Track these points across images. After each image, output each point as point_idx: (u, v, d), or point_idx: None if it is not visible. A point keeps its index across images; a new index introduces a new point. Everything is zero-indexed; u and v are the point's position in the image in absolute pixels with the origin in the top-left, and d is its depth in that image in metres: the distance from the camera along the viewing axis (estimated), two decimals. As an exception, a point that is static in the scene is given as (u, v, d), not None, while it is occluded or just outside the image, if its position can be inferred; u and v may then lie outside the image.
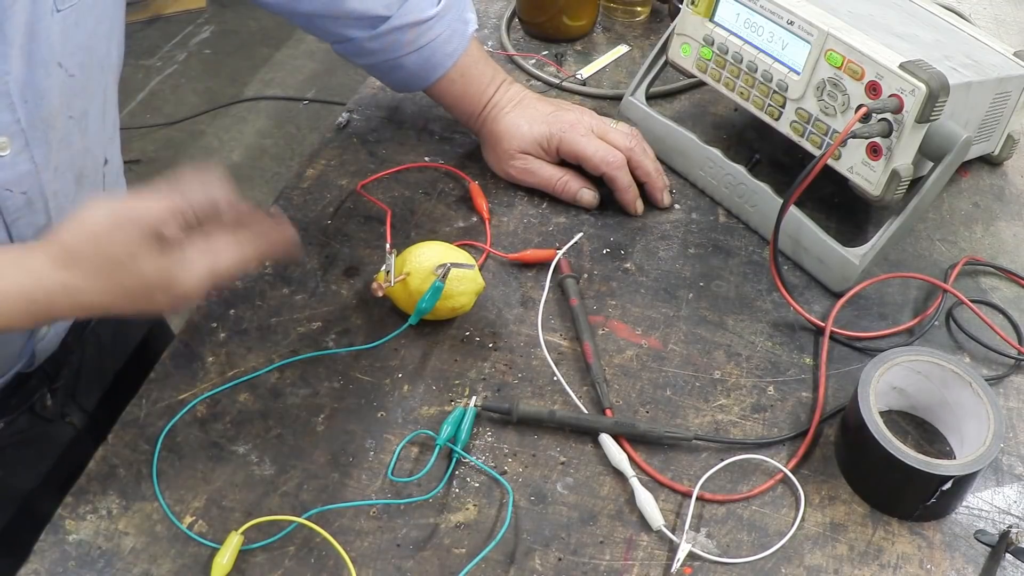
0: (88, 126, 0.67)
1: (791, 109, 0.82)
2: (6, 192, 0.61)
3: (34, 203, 0.63)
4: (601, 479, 0.68)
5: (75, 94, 0.64)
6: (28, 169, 0.61)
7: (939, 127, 0.75)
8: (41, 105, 0.61)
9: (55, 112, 0.62)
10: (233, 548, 0.61)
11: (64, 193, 0.66)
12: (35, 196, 0.63)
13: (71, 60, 0.62)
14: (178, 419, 0.70)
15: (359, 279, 0.81)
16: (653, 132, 0.93)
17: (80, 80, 0.64)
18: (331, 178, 0.91)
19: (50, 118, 0.62)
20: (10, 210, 0.62)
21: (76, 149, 0.66)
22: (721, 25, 0.86)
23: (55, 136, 0.63)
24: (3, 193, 0.61)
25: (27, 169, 0.61)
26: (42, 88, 0.60)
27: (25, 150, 0.60)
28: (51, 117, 0.62)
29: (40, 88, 0.60)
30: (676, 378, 0.75)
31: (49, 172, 0.63)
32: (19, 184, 0.61)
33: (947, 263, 0.86)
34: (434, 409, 0.72)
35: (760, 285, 0.83)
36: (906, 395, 0.72)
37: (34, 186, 0.62)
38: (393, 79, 0.90)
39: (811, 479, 0.69)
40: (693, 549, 0.63)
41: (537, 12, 1.09)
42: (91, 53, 0.65)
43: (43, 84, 0.60)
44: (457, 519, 0.65)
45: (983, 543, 0.65)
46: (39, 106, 0.60)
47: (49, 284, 0.54)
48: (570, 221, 0.88)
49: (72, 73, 0.63)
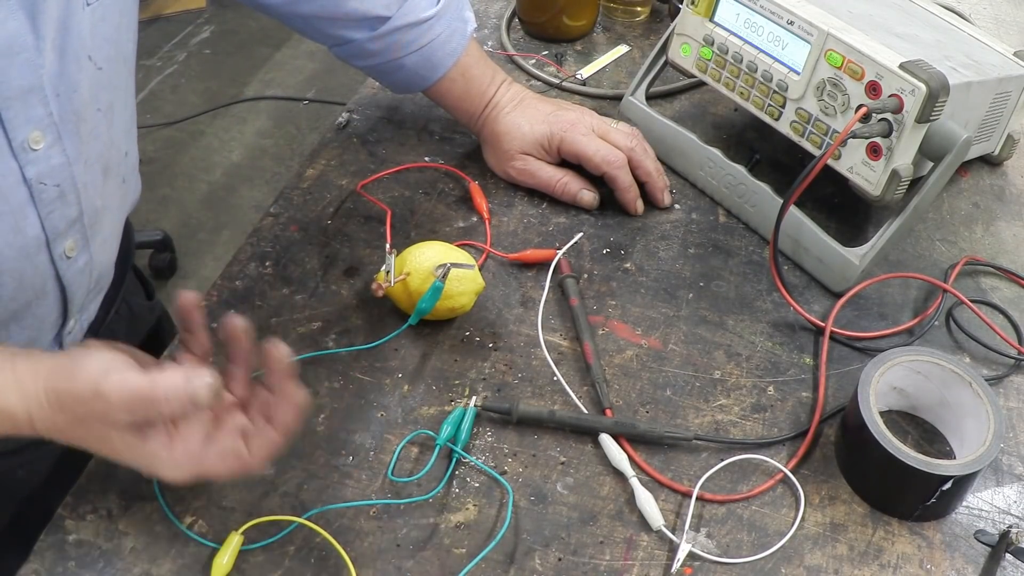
0: (114, 119, 0.68)
1: (791, 109, 0.82)
2: (40, 185, 0.61)
3: (67, 195, 0.64)
4: (601, 479, 0.68)
5: (102, 87, 0.65)
6: (61, 162, 0.62)
7: (939, 127, 0.75)
8: (73, 98, 0.61)
9: (85, 105, 0.63)
10: (233, 548, 0.61)
11: (93, 185, 0.67)
12: (68, 189, 0.64)
13: (99, 53, 0.63)
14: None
15: (359, 279, 0.81)
16: (653, 132, 0.93)
17: (107, 73, 0.65)
18: (331, 178, 0.91)
19: (81, 111, 0.62)
20: (44, 203, 0.62)
21: (103, 141, 0.67)
22: (721, 25, 0.86)
23: (85, 129, 0.64)
24: (37, 186, 0.61)
25: (60, 162, 0.62)
26: (73, 81, 0.61)
27: (58, 143, 0.61)
28: (82, 110, 0.63)
29: (72, 81, 0.61)
30: (676, 378, 0.75)
31: (80, 164, 0.64)
32: (52, 177, 0.62)
33: (947, 263, 0.86)
34: (434, 409, 0.72)
35: (760, 285, 0.83)
36: (906, 395, 0.72)
37: (67, 179, 0.63)
38: (394, 80, 0.90)
39: (811, 479, 0.69)
40: (693, 549, 0.63)
41: (537, 12, 1.09)
42: (117, 46, 0.66)
43: (75, 78, 0.61)
44: (457, 519, 0.65)
45: (983, 543, 0.65)
46: (71, 99, 0.61)
47: (38, 414, 0.55)
48: (570, 221, 0.88)
49: (100, 66, 0.63)
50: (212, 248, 2.34)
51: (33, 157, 0.60)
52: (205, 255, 2.32)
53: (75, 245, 0.67)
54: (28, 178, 0.60)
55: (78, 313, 0.73)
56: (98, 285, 0.75)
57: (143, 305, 0.95)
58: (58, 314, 0.70)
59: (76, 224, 0.66)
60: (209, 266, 2.29)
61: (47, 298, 0.68)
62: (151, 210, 2.39)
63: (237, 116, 2.74)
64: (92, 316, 0.78)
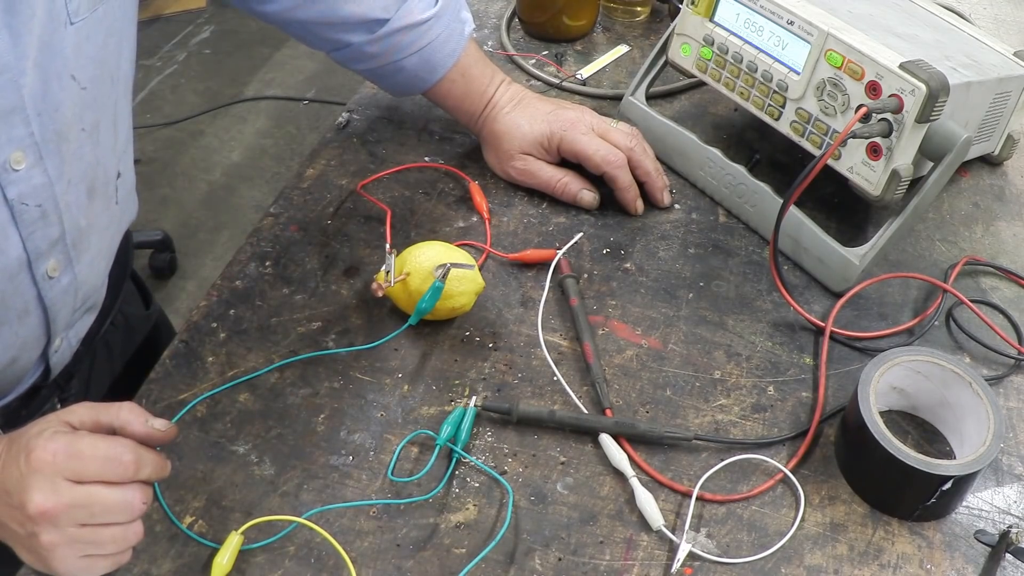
0: (100, 139, 0.67)
1: (791, 109, 0.82)
2: (22, 205, 0.61)
3: (48, 215, 0.63)
4: (601, 479, 0.68)
5: (87, 106, 0.64)
6: (42, 182, 0.61)
7: (939, 127, 0.75)
8: (55, 118, 0.61)
9: (68, 125, 0.62)
10: (233, 548, 0.61)
11: (77, 205, 0.66)
12: (50, 209, 0.63)
13: (83, 73, 0.62)
14: (178, 419, 0.70)
15: (359, 279, 0.81)
16: (653, 132, 0.93)
17: (92, 92, 0.64)
18: (331, 178, 0.91)
19: (63, 131, 0.62)
20: (26, 223, 0.62)
21: (88, 162, 0.66)
22: (721, 25, 0.86)
23: (68, 149, 0.63)
24: (19, 207, 0.61)
25: (41, 182, 0.61)
26: (56, 101, 0.60)
27: (39, 163, 0.61)
28: (64, 130, 0.62)
29: (54, 101, 0.60)
30: (676, 378, 0.75)
31: (63, 184, 0.63)
32: (34, 197, 0.61)
33: (947, 263, 0.86)
34: (434, 409, 0.72)
35: (760, 285, 0.83)
36: (906, 395, 0.72)
37: (49, 199, 0.63)
38: (393, 83, 0.90)
39: (811, 479, 0.69)
40: (693, 549, 0.63)
41: (537, 12, 1.09)
42: (102, 65, 0.65)
43: (57, 97, 0.60)
44: (457, 519, 0.65)
45: (983, 543, 0.65)
46: (53, 119, 0.60)
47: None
48: (570, 221, 0.88)
49: (84, 86, 0.63)
50: (212, 248, 2.34)
51: (14, 177, 0.59)
52: (205, 255, 2.32)
53: (58, 265, 0.67)
54: (9, 198, 0.60)
55: (64, 331, 0.73)
56: (85, 303, 0.75)
57: (140, 315, 0.95)
58: (41, 333, 0.70)
59: (59, 244, 0.66)
60: (209, 266, 2.29)
61: (29, 317, 0.67)
62: (151, 210, 2.39)
63: (237, 116, 2.74)
64: (82, 332, 0.78)
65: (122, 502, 0.56)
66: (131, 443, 0.57)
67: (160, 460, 0.59)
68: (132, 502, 0.56)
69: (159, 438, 0.59)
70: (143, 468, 0.57)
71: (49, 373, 0.75)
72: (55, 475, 0.54)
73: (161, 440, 0.59)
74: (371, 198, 0.88)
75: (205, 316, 0.77)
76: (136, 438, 0.58)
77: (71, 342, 0.76)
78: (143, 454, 0.57)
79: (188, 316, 0.78)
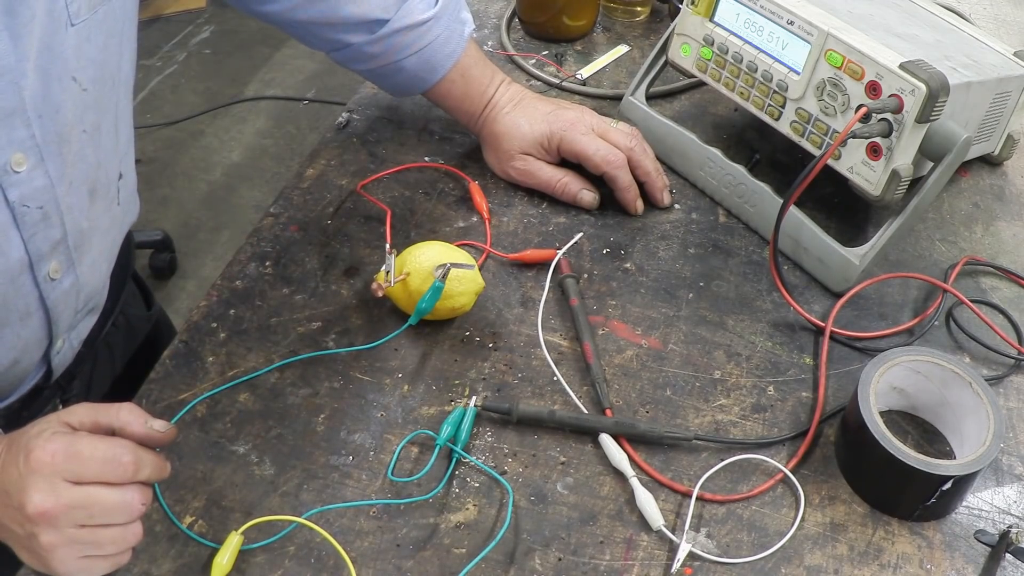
0: (101, 140, 0.67)
1: (791, 109, 0.82)
2: (23, 208, 0.61)
3: (50, 217, 0.63)
4: (601, 479, 0.68)
5: (88, 108, 0.64)
6: (43, 184, 0.61)
7: (939, 127, 0.75)
8: (56, 120, 0.61)
9: (69, 126, 0.62)
10: (233, 548, 0.61)
11: (79, 207, 0.66)
12: (51, 211, 0.63)
13: (84, 74, 0.62)
14: (178, 419, 0.70)
15: (359, 279, 0.81)
16: (653, 132, 0.93)
17: (93, 94, 0.64)
18: (331, 178, 0.91)
19: (65, 133, 0.62)
20: (27, 225, 0.62)
21: (90, 163, 0.66)
22: (721, 25, 0.86)
23: (69, 151, 0.63)
24: (20, 209, 0.61)
25: (42, 184, 0.61)
26: (57, 102, 0.60)
27: (40, 165, 0.61)
28: (65, 132, 0.62)
29: (55, 103, 0.60)
30: (676, 378, 0.75)
31: (64, 186, 0.63)
32: (35, 199, 0.61)
33: (947, 263, 0.86)
34: (434, 409, 0.72)
35: (760, 285, 0.83)
36: (906, 395, 0.72)
37: (50, 200, 0.63)
38: (393, 83, 0.90)
39: (811, 479, 0.69)
40: (693, 549, 0.63)
41: (537, 12, 1.09)
42: (103, 67, 0.65)
43: (58, 98, 0.60)
44: (457, 519, 0.65)
45: (983, 543, 0.65)
46: (54, 121, 0.60)
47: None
48: (570, 221, 0.88)
49: (85, 87, 0.63)
50: (212, 248, 2.34)
51: (15, 179, 0.59)
52: (205, 255, 2.32)
53: (59, 267, 0.67)
54: (10, 200, 0.60)
55: (65, 333, 0.73)
56: (87, 305, 0.75)
57: (141, 316, 0.95)
58: (43, 334, 0.70)
59: (60, 246, 0.66)
60: (209, 266, 2.29)
61: (31, 319, 0.67)
62: (151, 210, 2.39)
63: (237, 116, 2.74)
64: (84, 334, 0.78)
65: (121, 503, 0.56)
66: (130, 444, 0.57)
67: (159, 461, 0.59)
68: (131, 503, 0.56)
69: (158, 439, 0.59)
70: (142, 469, 0.57)
71: (51, 374, 0.75)
72: (54, 476, 0.54)
73: (160, 441, 0.59)
74: (371, 198, 0.88)
75: (205, 316, 0.77)
76: (136, 439, 0.58)
77: (73, 343, 0.76)
78: (142, 455, 0.57)
79: (188, 316, 0.78)
